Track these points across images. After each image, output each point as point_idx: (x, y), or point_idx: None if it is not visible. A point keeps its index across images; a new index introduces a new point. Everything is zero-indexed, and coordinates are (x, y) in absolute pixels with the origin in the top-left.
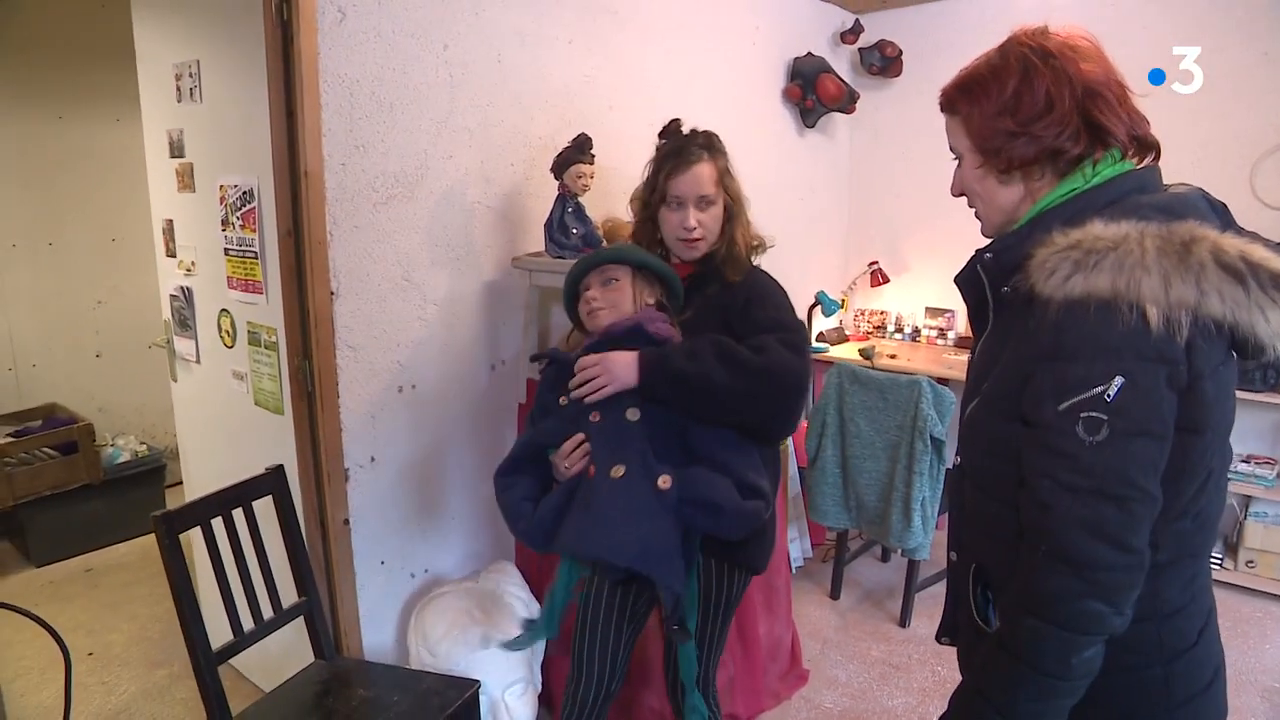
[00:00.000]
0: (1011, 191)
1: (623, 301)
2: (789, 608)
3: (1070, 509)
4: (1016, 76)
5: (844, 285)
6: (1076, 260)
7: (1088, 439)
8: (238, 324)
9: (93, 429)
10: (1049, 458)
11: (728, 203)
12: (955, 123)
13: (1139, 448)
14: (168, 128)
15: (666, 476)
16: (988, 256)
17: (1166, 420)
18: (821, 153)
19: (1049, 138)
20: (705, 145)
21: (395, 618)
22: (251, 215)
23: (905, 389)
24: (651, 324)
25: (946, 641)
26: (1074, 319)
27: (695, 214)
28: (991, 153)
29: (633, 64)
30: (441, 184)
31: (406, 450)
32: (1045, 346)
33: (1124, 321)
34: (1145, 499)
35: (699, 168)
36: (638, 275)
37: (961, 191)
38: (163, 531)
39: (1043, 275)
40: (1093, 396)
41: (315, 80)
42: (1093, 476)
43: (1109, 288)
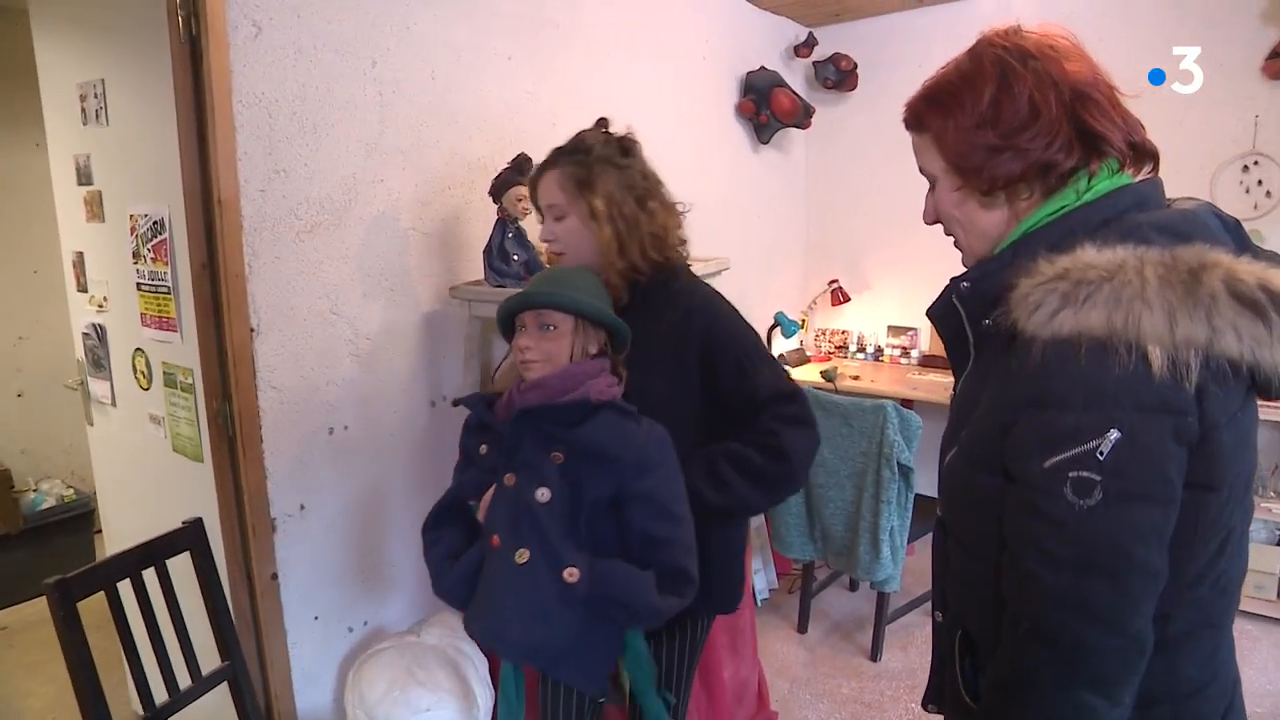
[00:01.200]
0: (996, 215)
1: (559, 354)
2: (754, 647)
3: (1056, 583)
4: (993, 82)
5: (804, 305)
6: (1065, 293)
7: (1077, 502)
8: (153, 364)
9: (10, 475)
10: (1033, 522)
11: (596, 214)
12: (925, 141)
13: (1138, 514)
14: (74, 152)
15: (574, 569)
16: (964, 286)
17: (1172, 480)
18: (777, 169)
19: (1037, 150)
20: (568, 149)
21: (334, 677)
22: (163, 247)
23: (870, 414)
24: (595, 390)
25: (933, 709)
26: (1062, 361)
27: (549, 224)
28: (971, 172)
29: (578, 80)
30: (372, 209)
31: (340, 496)
32: (1029, 392)
33: (1121, 365)
34: (1145, 574)
35: (548, 174)
36: (580, 324)
37: (936, 219)
38: (56, 600)
39: (1026, 310)
40: (1083, 453)
41: (228, 100)
42: (1082, 547)
43: (1103, 325)
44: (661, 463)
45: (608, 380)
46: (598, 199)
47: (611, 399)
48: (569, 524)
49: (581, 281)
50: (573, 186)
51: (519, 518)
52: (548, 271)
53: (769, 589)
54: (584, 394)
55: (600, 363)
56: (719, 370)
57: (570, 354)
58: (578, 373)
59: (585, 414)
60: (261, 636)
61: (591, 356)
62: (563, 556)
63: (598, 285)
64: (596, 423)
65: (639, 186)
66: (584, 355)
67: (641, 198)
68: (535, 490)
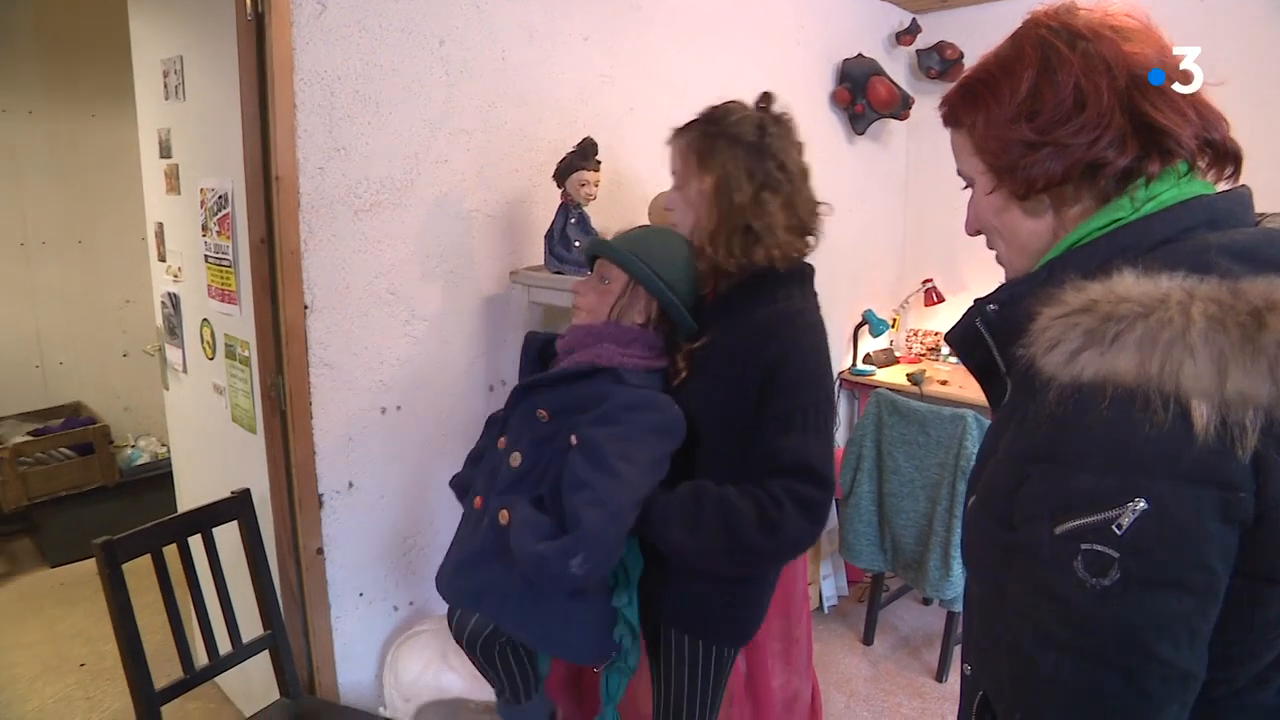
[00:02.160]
0: (1040, 224)
1: (600, 308)
2: (809, 658)
3: (1058, 673)
4: (1034, 68)
5: (896, 303)
6: (1089, 329)
7: (1089, 580)
8: (216, 335)
9: (109, 430)
10: (1036, 597)
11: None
12: (961, 138)
13: (1164, 602)
14: (157, 126)
15: (505, 511)
16: (991, 310)
17: (1212, 567)
18: (873, 162)
19: (1081, 146)
20: (707, 116)
21: (376, 654)
22: (227, 221)
23: (949, 424)
24: (606, 355)
25: None
26: (1081, 412)
27: (671, 190)
28: (1006, 172)
29: (658, 63)
30: (435, 190)
31: (389, 476)
32: (1042, 444)
33: (1154, 422)
34: (1169, 674)
35: (676, 139)
36: (633, 286)
37: (978, 229)
38: (103, 560)
39: (1043, 346)
40: (1100, 523)
41: (289, 77)
42: (1092, 635)
43: (1133, 371)
44: (623, 419)
45: (636, 351)
46: (709, 176)
47: (618, 365)
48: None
49: (664, 247)
50: (693, 157)
51: (494, 472)
52: (646, 228)
53: (838, 596)
54: (590, 359)
55: (635, 332)
56: (765, 410)
57: (611, 311)
58: (601, 331)
59: (581, 375)
60: (306, 609)
61: (638, 325)
62: (505, 500)
63: (684, 259)
64: (589, 383)
65: (765, 174)
66: (629, 319)
67: (763, 187)
68: (509, 454)
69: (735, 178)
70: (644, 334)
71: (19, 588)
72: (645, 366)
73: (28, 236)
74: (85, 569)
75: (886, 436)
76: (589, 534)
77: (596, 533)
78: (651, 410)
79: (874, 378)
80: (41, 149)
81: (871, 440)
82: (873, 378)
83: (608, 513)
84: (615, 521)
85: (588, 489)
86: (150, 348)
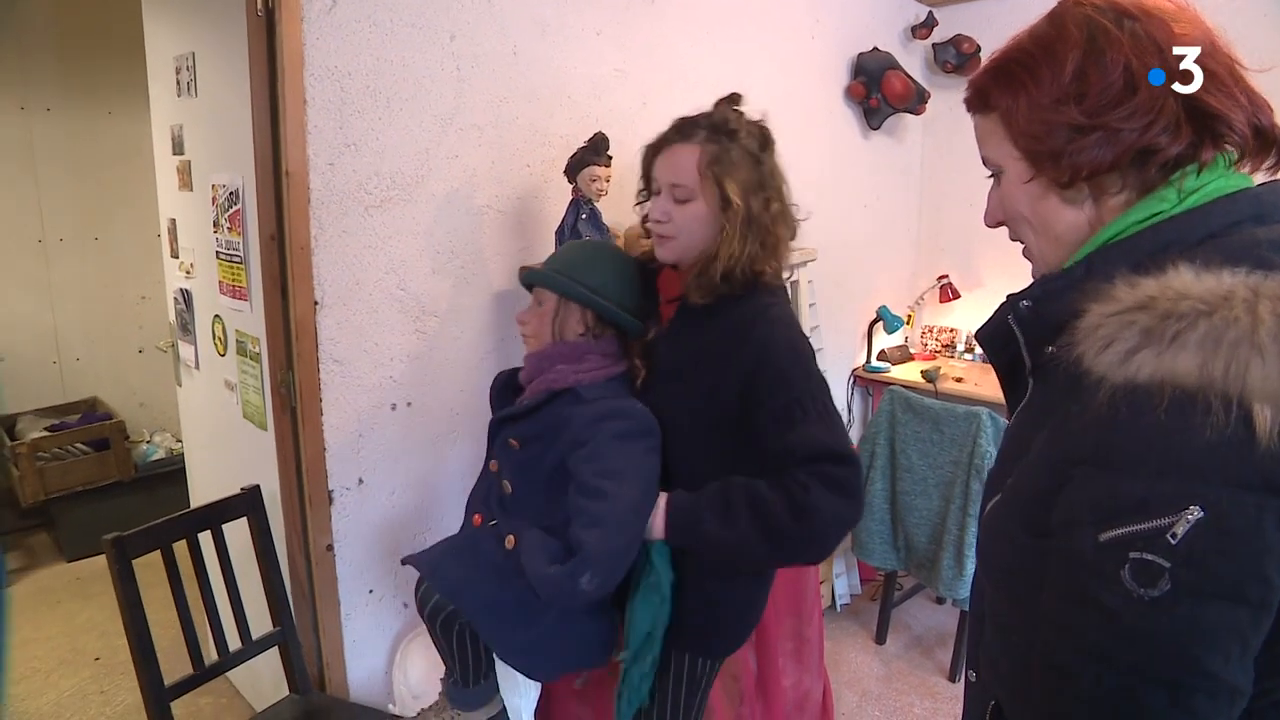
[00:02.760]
0: (1078, 214)
1: (543, 330)
2: (821, 657)
3: (1098, 687)
4: (1079, 49)
5: (911, 299)
6: (1146, 328)
7: (1137, 590)
8: (228, 331)
9: (124, 426)
10: (1077, 607)
11: (729, 207)
12: (990, 123)
13: (1216, 615)
14: (170, 123)
15: (512, 536)
16: (1024, 306)
17: (1269, 579)
18: (889, 157)
19: (1133, 132)
20: (708, 125)
21: (385, 650)
22: (238, 217)
23: (963, 421)
24: (577, 374)
25: None
26: (1136, 414)
27: (668, 204)
28: (1047, 158)
29: (670, 57)
30: (445, 186)
31: (399, 473)
32: (1090, 447)
33: (1215, 426)
34: (1217, 690)
35: (679, 148)
36: (563, 302)
37: (1000, 220)
38: (113, 556)
39: (1094, 345)
40: (1151, 531)
41: (299, 73)
42: (1137, 647)
43: (1194, 373)
44: (589, 438)
45: (590, 364)
46: (735, 189)
47: (573, 384)
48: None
49: (587, 257)
50: (711, 169)
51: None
52: (570, 244)
53: (850, 595)
54: (545, 386)
55: (583, 345)
56: (760, 414)
57: (552, 331)
58: (550, 354)
59: (541, 402)
60: (316, 605)
61: (580, 336)
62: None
63: (610, 263)
64: (551, 408)
65: (768, 186)
66: (570, 333)
67: (768, 200)
68: (502, 481)
69: (752, 190)
70: (592, 344)
71: (37, 581)
72: (604, 376)
73: (45, 234)
74: (101, 564)
75: (900, 434)
76: (591, 554)
77: (598, 551)
78: (613, 419)
79: (888, 374)
80: (59, 146)
81: (885, 438)
82: (887, 374)
83: (604, 530)
84: (615, 534)
85: (583, 514)
86: (163, 344)
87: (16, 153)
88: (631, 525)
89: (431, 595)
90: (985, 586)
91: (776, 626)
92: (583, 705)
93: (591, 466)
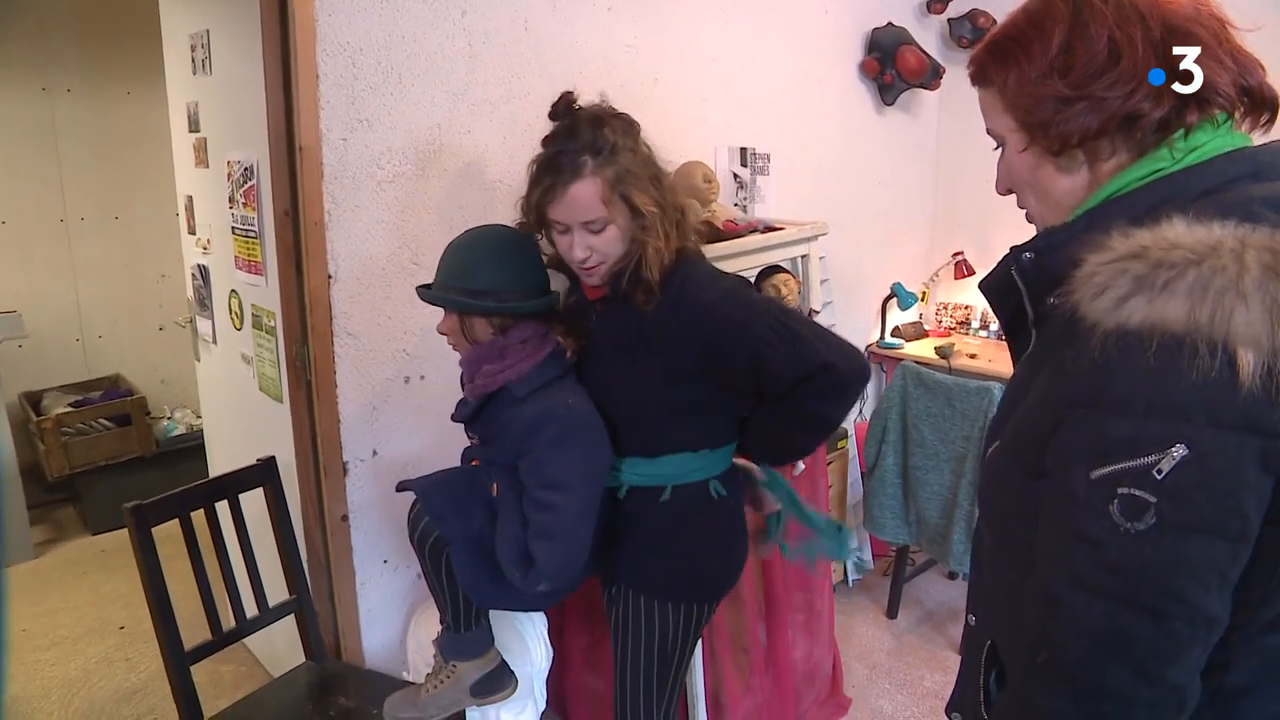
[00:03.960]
0: (1074, 180)
1: (460, 340)
2: (831, 629)
3: (1086, 615)
4: (1065, 23)
5: (925, 276)
6: (1139, 275)
7: (1124, 524)
8: (244, 306)
9: (145, 402)
10: (1067, 539)
11: (642, 215)
12: (990, 96)
13: (1197, 548)
14: (186, 101)
15: (496, 485)
16: (1026, 258)
17: (1248, 515)
18: (903, 133)
19: (1116, 99)
20: (590, 146)
21: (400, 620)
22: (252, 193)
23: (974, 396)
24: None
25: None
26: (1126, 357)
27: (584, 240)
28: (1039, 128)
29: (682, 34)
30: (458, 161)
31: (413, 445)
32: (1082, 389)
33: (1200, 369)
34: (1196, 619)
35: (576, 188)
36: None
37: (1009, 188)
38: (133, 524)
39: (1089, 292)
40: (1139, 468)
41: (312, 49)
42: (1123, 577)
43: (1182, 318)
44: (528, 447)
45: (513, 357)
46: (643, 198)
47: (504, 383)
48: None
49: (467, 259)
50: (613, 193)
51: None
52: (447, 250)
53: (862, 570)
54: (479, 391)
55: (499, 342)
56: (733, 367)
57: (466, 340)
58: (473, 357)
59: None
60: (331, 575)
61: (491, 335)
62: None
63: (497, 257)
64: (490, 410)
65: (652, 167)
66: (483, 336)
67: (656, 178)
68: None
69: (648, 184)
70: (509, 339)
71: (64, 553)
72: (530, 365)
73: (67, 213)
74: (124, 537)
75: (912, 409)
76: (544, 568)
77: (548, 563)
78: (546, 425)
79: (902, 351)
80: (80, 127)
81: (897, 413)
82: (900, 350)
83: (552, 544)
84: (563, 546)
85: (533, 525)
86: (182, 319)
87: (39, 134)
88: (578, 533)
89: (422, 519)
90: (984, 531)
91: (786, 599)
92: (595, 675)
93: (535, 479)
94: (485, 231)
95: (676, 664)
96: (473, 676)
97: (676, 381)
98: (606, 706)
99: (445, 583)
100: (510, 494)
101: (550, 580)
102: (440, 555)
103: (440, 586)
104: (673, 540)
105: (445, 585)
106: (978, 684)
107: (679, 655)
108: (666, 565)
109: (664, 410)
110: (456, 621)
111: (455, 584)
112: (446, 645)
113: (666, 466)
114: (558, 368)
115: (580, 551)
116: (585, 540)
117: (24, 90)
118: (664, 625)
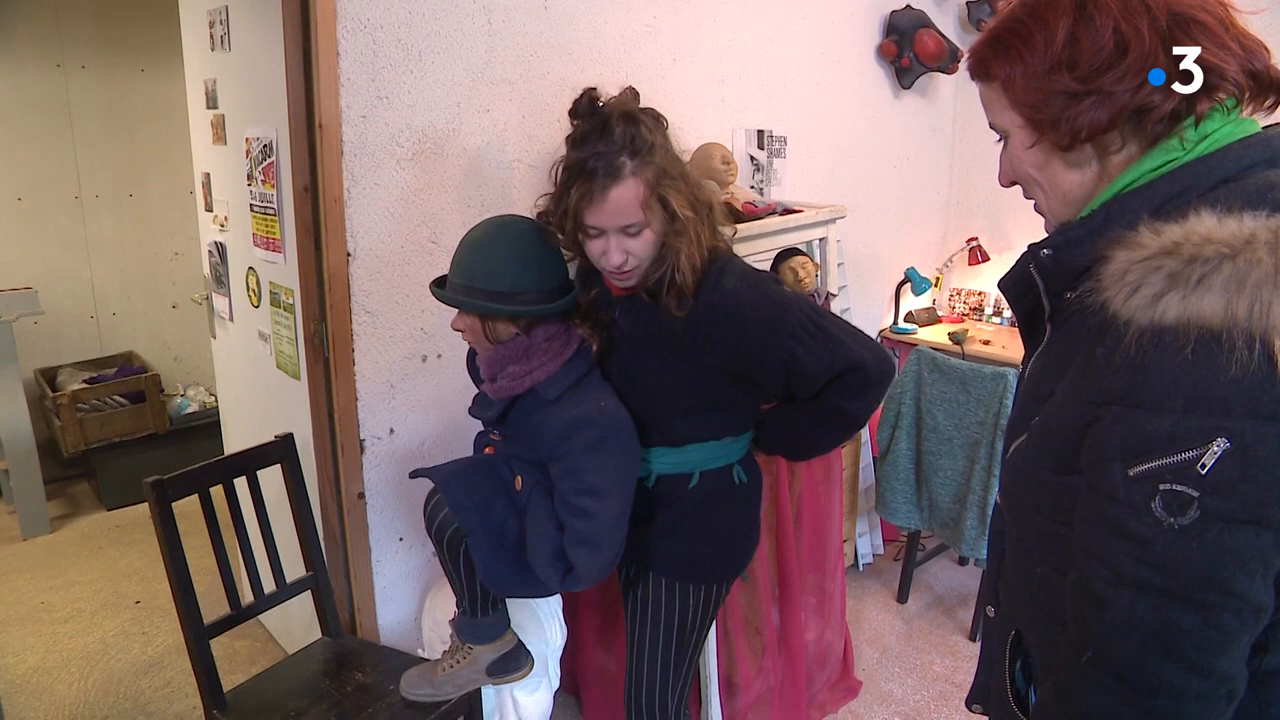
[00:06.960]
0: (1083, 174)
1: (481, 340)
2: (843, 612)
3: (1133, 612)
4: (1068, 15)
5: (940, 262)
6: (1172, 272)
7: (1167, 520)
8: (262, 283)
9: (159, 379)
10: (1110, 538)
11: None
12: (993, 91)
13: (1243, 539)
14: (204, 77)
15: (520, 477)
16: (1045, 254)
17: None
18: (920, 117)
19: (1126, 92)
20: (627, 146)
21: (415, 597)
22: (271, 170)
23: (989, 382)
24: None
25: (978, 710)
26: (1163, 354)
27: (620, 245)
28: (1047, 124)
29: (701, 15)
30: (477, 140)
31: (430, 423)
32: (1118, 387)
33: (1239, 363)
34: (1244, 609)
35: (617, 192)
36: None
37: (1013, 180)
38: (154, 499)
39: (1122, 290)
40: (1181, 463)
41: (332, 25)
42: (1169, 573)
43: (1220, 313)
44: (563, 452)
45: (539, 358)
46: (678, 199)
47: (532, 385)
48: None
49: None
50: (652, 195)
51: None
52: (465, 246)
53: (873, 554)
54: (506, 392)
55: (523, 343)
56: (766, 373)
57: (488, 340)
58: (498, 358)
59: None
60: (348, 551)
61: (514, 335)
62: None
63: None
64: (516, 411)
65: (680, 163)
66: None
67: (684, 174)
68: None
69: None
70: (533, 338)
71: (80, 528)
72: (558, 364)
73: (82, 190)
74: (139, 512)
75: (926, 394)
76: (583, 573)
77: (591, 571)
78: (582, 429)
79: (915, 336)
80: (95, 104)
81: (911, 398)
82: (914, 336)
83: (592, 550)
84: (603, 552)
85: (571, 531)
86: (198, 296)
87: (54, 110)
88: (615, 537)
89: (440, 510)
90: (1009, 525)
91: (799, 581)
92: (607, 655)
93: (571, 484)
94: (504, 227)
95: (694, 645)
96: (489, 658)
97: (704, 379)
98: (618, 687)
99: (463, 572)
100: (538, 492)
101: (588, 581)
102: (459, 546)
103: (458, 576)
104: (698, 524)
105: (463, 575)
106: (1003, 674)
107: (696, 635)
108: (691, 548)
109: (691, 406)
110: (474, 608)
111: (473, 573)
112: (463, 629)
113: (694, 454)
114: (585, 364)
115: (618, 554)
116: (621, 543)
117: (39, 67)
118: (684, 606)
